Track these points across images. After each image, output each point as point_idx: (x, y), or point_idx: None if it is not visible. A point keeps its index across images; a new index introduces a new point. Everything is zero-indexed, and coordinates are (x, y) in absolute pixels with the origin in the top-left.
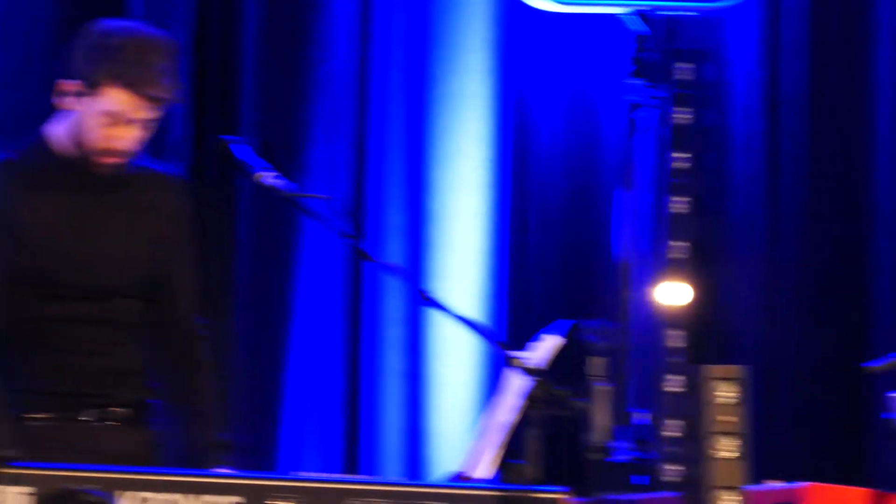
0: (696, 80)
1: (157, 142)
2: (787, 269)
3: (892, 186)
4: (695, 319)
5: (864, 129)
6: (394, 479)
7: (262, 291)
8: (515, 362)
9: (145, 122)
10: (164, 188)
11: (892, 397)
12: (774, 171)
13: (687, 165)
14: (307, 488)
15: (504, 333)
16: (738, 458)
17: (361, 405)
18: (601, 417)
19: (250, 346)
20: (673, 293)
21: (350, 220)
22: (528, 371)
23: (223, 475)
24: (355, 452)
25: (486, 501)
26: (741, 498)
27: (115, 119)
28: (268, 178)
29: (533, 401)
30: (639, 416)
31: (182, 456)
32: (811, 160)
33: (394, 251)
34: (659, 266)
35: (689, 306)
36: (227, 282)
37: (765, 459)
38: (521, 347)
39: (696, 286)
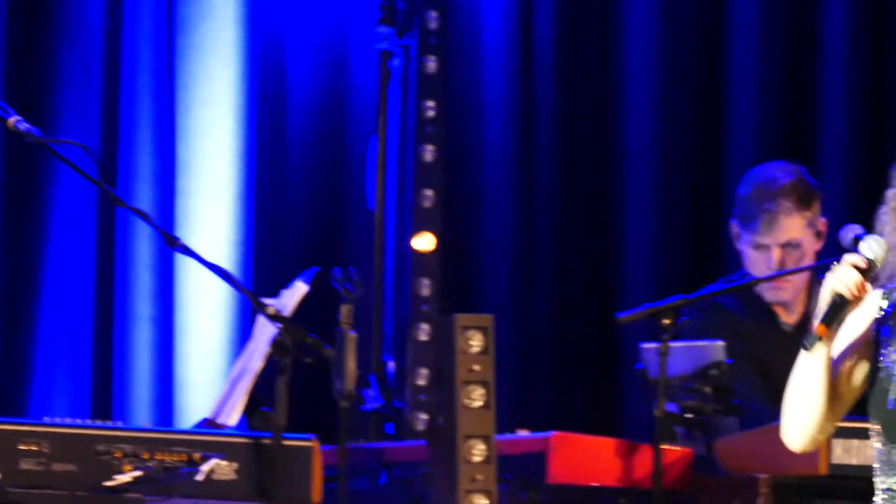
0: (444, 28)
1: None
2: (540, 220)
3: (640, 133)
4: (443, 268)
5: (614, 74)
6: (143, 425)
7: (13, 236)
8: (263, 309)
9: None
10: None
11: (645, 348)
12: (527, 120)
13: (433, 114)
14: (57, 434)
15: (253, 281)
16: (485, 406)
17: (113, 351)
18: (350, 365)
19: (0, 292)
20: (422, 241)
21: (101, 166)
22: (275, 318)
23: None
24: (106, 398)
25: (234, 448)
26: (489, 446)
27: None
28: (20, 122)
29: (279, 348)
30: (391, 365)
31: None
32: (564, 108)
33: (144, 197)
34: (409, 214)
35: (437, 254)
36: None
37: (520, 409)
38: (273, 295)
39: (444, 235)
